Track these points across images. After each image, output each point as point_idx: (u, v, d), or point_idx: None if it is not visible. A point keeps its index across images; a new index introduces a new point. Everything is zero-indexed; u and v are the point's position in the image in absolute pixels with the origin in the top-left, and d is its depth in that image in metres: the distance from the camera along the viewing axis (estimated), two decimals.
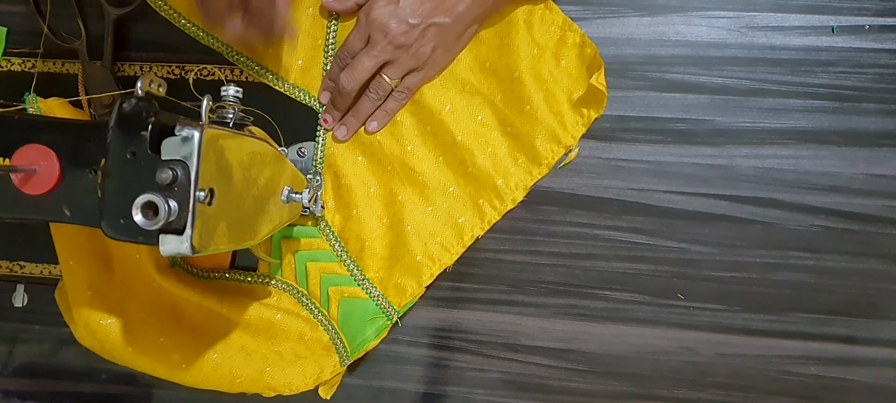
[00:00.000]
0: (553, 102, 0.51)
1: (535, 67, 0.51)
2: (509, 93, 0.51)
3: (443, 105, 0.52)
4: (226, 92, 0.40)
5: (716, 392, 0.53)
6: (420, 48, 0.48)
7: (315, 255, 0.52)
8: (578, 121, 0.51)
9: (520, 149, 0.52)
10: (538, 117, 0.51)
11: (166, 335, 0.49)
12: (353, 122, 0.52)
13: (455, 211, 0.52)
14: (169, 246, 0.32)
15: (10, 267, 0.56)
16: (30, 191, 0.35)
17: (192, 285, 0.50)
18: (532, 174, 0.52)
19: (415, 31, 0.47)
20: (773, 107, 0.52)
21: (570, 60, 0.51)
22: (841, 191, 0.51)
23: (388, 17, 0.47)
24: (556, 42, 0.51)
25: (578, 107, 0.51)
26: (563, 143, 0.51)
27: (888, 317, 0.52)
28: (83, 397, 0.56)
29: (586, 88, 0.51)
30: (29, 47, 0.55)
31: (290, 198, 0.45)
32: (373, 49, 0.48)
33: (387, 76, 0.49)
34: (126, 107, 0.33)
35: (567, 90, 0.51)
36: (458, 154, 0.52)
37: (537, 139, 0.51)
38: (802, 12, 0.51)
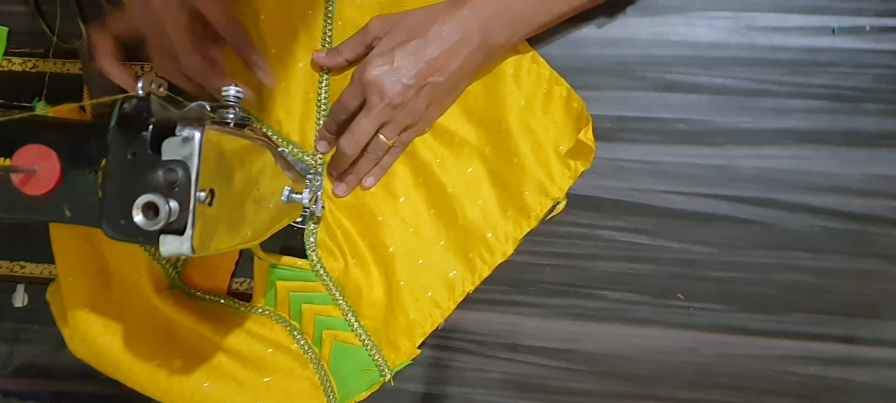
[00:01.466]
0: (541, 154, 0.51)
1: (523, 119, 0.51)
2: (498, 145, 0.52)
3: (434, 157, 0.52)
4: (226, 92, 0.40)
5: (716, 393, 0.53)
6: (415, 107, 0.49)
7: (310, 297, 0.52)
8: (566, 173, 0.52)
9: (509, 200, 0.52)
10: (526, 169, 0.51)
11: (160, 357, 0.49)
12: (351, 180, 0.53)
13: (446, 264, 0.52)
14: (169, 247, 0.32)
15: (10, 267, 0.56)
16: (30, 191, 0.35)
17: (189, 309, 0.50)
18: (521, 226, 0.52)
19: (410, 91, 0.48)
20: (774, 107, 0.52)
21: (557, 113, 0.52)
22: (841, 191, 0.51)
23: (384, 78, 0.47)
24: (543, 94, 0.52)
25: (566, 159, 0.52)
26: (551, 195, 0.52)
27: (888, 317, 0.52)
28: (83, 397, 0.56)
29: (574, 143, 0.51)
30: (30, 47, 0.55)
31: (290, 198, 0.45)
32: (371, 112, 0.48)
33: (384, 136, 0.50)
34: (127, 108, 0.33)
35: (554, 142, 0.52)
36: (448, 205, 0.52)
37: (526, 191, 0.51)
38: (803, 13, 0.51)
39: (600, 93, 0.52)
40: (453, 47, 0.47)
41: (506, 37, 0.49)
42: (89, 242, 0.51)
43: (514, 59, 0.51)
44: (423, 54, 0.47)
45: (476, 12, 0.47)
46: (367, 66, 0.48)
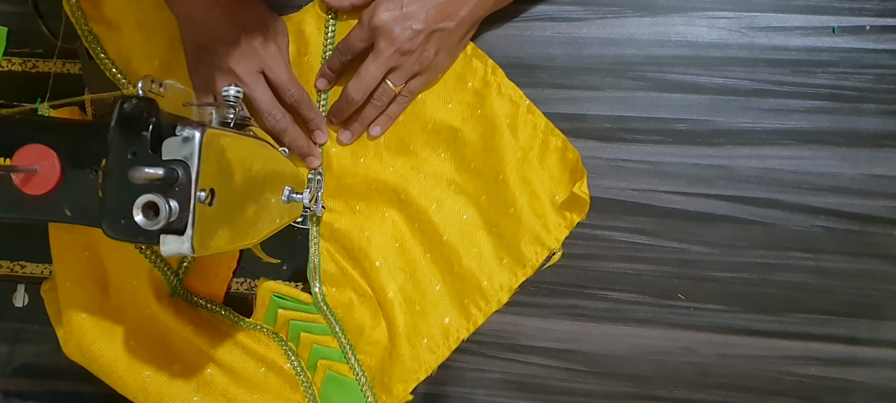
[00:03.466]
0: (537, 205, 0.51)
1: (520, 170, 0.51)
2: (494, 195, 0.52)
3: (430, 203, 0.52)
4: (227, 92, 0.40)
5: (716, 393, 0.53)
6: (423, 53, 0.48)
7: (310, 327, 0.52)
8: (561, 223, 0.52)
9: (504, 249, 0.52)
10: (522, 219, 0.51)
11: (152, 367, 0.49)
12: (357, 128, 0.52)
13: (442, 310, 0.52)
14: (170, 247, 0.32)
15: (10, 267, 0.56)
16: (30, 191, 0.35)
17: (188, 318, 0.50)
18: (516, 275, 0.52)
19: (419, 36, 0.47)
20: (774, 107, 0.52)
21: (553, 164, 0.52)
22: (841, 191, 0.51)
23: (394, 23, 0.47)
24: (539, 145, 0.52)
25: (561, 210, 0.52)
26: (547, 246, 0.52)
27: (889, 318, 0.52)
28: (83, 397, 0.56)
29: (570, 195, 0.51)
30: (30, 47, 0.55)
31: (290, 198, 0.45)
32: (379, 57, 0.48)
33: (391, 82, 0.49)
34: (127, 108, 0.33)
35: (550, 193, 0.52)
36: (444, 253, 0.52)
37: (522, 241, 0.51)
38: (803, 13, 0.51)
39: (601, 93, 0.52)
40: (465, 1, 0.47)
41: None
42: (88, 248, 0.51)
43: (510, 110, 0.51)
44: (435, 1, 0.46)
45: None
46: (376, 10, 0.47)
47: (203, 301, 0.53)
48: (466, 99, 0.52)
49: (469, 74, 0.52)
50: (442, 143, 0.52)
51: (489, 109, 0.51)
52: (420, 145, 0.52)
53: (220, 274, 0.54)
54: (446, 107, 0.52)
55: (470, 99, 0.52)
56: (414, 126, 0.52)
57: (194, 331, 0.50)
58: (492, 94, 0.51)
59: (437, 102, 0.52)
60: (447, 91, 0.52)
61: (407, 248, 0.52)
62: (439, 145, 0.53)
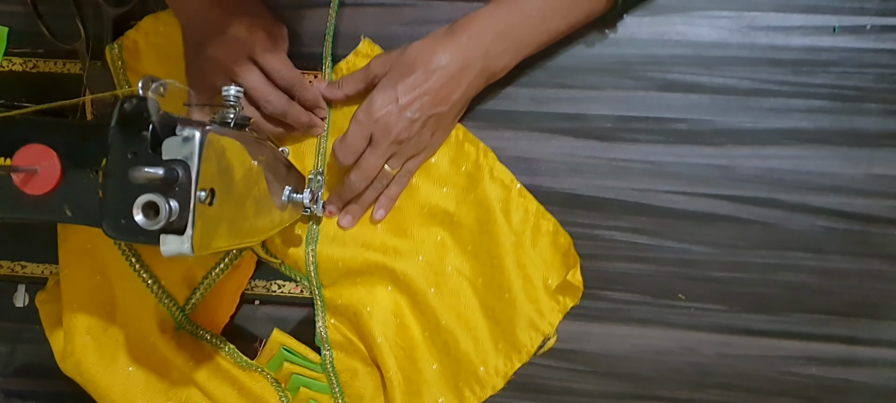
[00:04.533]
0: (530, 289, 0.52)
1: (514, 254, 0.51)
2: (490, 279, 0.52)
3: (428, 287, 0.52)
4: (227, 92, 0.40)
5: (717, 393, 0.53)
6: (420, 138, 0.49)
7: (310, 383, 0.53)
8: (555, 307, 0.52)
9: (500, 334, 0.52)
10: (517, 305, 0.51)
11: (147, 399, 0.50)
12: (357, 210, 0.53)
13: (436, 391, 0.52)
14: (170, 246, 0.32)
15: (11, 267, 0.56)
16: (31, 191, 0.35)
17: (188, 353, 0.51)
18: (512, 361, 0.52)
19: (415, 125, 0.48)
20: (775, 107, 0.52)
21: (544, 247, 0.52)
22: (842, 191, 0.51)
23: (390, 117, 0.47)
24: (530, 229, 0.52)
25: (555, 295, 0.52)
26: (541, 331, 0.52)
27: (890, 318, 0.52)
28: (83, 397, 0.56)
29: (563, 281, 0.51)
30: (30, 47, 0.55)
31: (290, 198, 0.45)
32: (378, 148, 0.48)
33: (389, 166, 0.50)
34: (127, 108, 0.33)
35: (542, 276, 0.52)
36: (442, 335, 0.52)
37: (517, 326, 0.51)
38: (804, 12, 0.51)
39: (601, 93, 0.52)
40: (455, 77, 0.47)
41: (506, 60, 0.49)
42: (100, 273, 0.51)
43: (502, 194, 0.52)
44: (426, 87, 0.47)
45: (476, 39, 0.47)
46: (372, 105, 0.48)
47: (209, 336, 0.53)
48: (460, 182, 0.52)
49: (462, 158, 0.52)
50: (438, 226, 0.53)
51: (482, 193, 0.51)
52: (417, 228, 0.53)
53: (224, 304, 0.54)
54: (441, 191, 0.52)
55: (463, 182, 0.52)
56: (411, 210, 0.53)
57: (193, 368, 0.50)
58: (484, 178, 0.52)
59: (431, 187, 0.52)
60: (441, 175, 0.52)
61: (406, 325, 0.52)
62: (436, 229, 0.53)
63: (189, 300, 0.52)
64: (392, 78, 0.48)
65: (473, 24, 0.47)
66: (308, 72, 0.53)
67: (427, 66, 0.47)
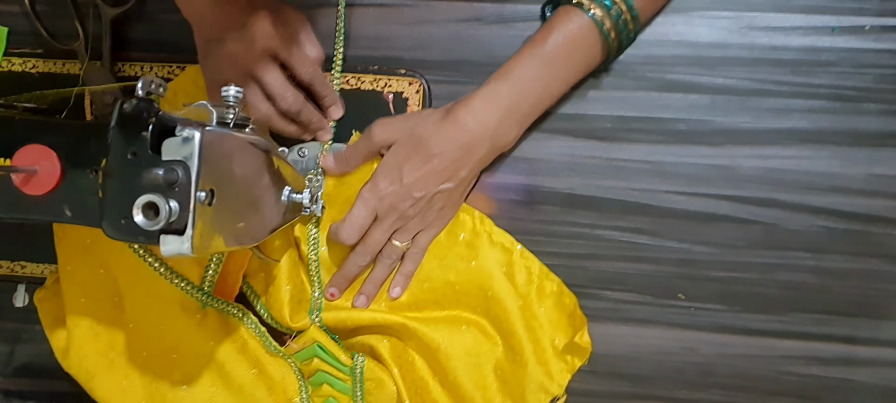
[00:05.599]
0: (539, 352, 0.51)
1: (523, 317, 0.51)
2: (502, 342, 0.52)
3: (437, 346, 0.52)
4: (227, 92, 0.40)
5: (717, 393, 0.53)
6: (428, 212, 0.49)
7: (333, 381, 0.52)
8: (563, 368, 0.52)
9: (509, 395, 0.52)
10: (527, 368, 0.51)
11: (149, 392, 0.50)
12: (371, 290, 0.52)
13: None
14: (170, 247, 0.32)
15: (10, 267, 0.56)
16: (31, 191, 0.35)
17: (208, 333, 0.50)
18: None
19: (421, 202, 0.48)
20: (774, 107, 0.52)
21: (549, 308, 0.52)
22: (842, 191, 0.51)
23: (395, 196, 0.47)
24: (535, 290, 0.52)
25: (563, 355, 0.52)
26: (550, 393, 0.52)
27: (890, 317, 0.52)
28: (84, 397, 0.56)
29: (570, 342, 0.51)
30: (30, 47, 0.55)
31: (290, 198, 0.45)
32: (383, 223, 0.49)
33: (398, 241, 0.50)
34: (127, 108, 0.33)
35: (550, 337, 0.52)
36: (449, 382, 0.52)
37: (526, 389, 0.51)
38: (803, 13, 0.51)
39: (601, 93, 0.52)
40: (462, 157, 0.47)
41: (514, 134, 0.49)
42: (103, 266, 0.51)
43: (503, 257, 0.52)
44: (431, 167, 0.47)
45: (483, 122, 0.47)
46: (376, 185, 0.48)
47: (239, 312, 0.52)
48: (460, 252, 0.52)
49: (458, 227, 0.52)
50: (442, 298, 0.53)
51: (484, 260, 0.52)
52: (423, 302, 0.53)
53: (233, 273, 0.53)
54: (442, 263, 0.52)
55: (463, 251, 0.52)
56: (412, 286, 0.53)
57: (214, 346, 0.50)
58: (483, 245, 0.52)
59: (431, 261, 0.52)
60: (440, 248, 0.52)
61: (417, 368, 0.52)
62: (440, 300, 0.53)
63: (204, 279, 0.50)
64: (397, 156, 0.48)
65: (478, 107, 0.47)
66: None
67: (432, 147, 0.47)
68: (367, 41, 0.54)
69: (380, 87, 0.53)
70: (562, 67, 0.47)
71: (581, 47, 0.47)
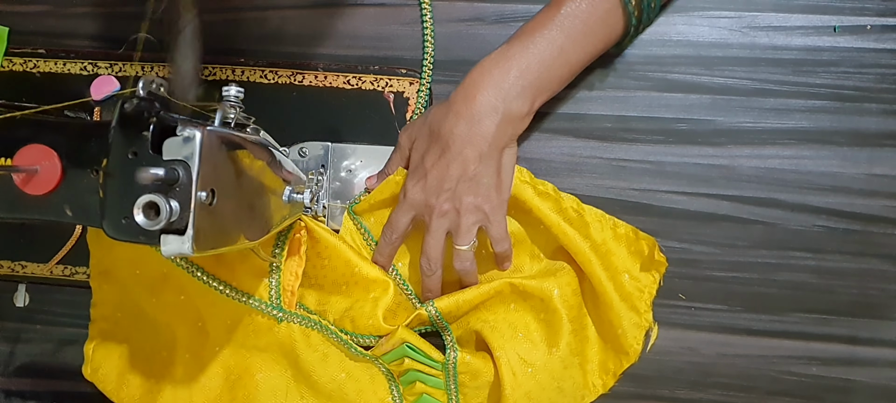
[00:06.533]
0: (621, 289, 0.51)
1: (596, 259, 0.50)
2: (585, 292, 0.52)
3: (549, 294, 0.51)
4: (227, 92, 0.40)
5: (717, 393, 0.53)
6: (470, 204, 0.47)
7: (426, 378, 0.51)
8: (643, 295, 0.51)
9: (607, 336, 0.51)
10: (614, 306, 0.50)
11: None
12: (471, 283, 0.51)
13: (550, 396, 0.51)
14: (170, 247, 0.32)
15: (11, 267, 0.56)
16: (31, 191, 0.35)
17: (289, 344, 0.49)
18: (621, 362, 0.51)
19: (451, 192, 0.46)
20: (775, 107, 0.52)
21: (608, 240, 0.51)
22: (843, 191, 0.51)
23: (424, 194, 0.47)
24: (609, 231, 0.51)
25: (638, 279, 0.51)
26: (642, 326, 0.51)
27: (890, 317, 0.52)
28: (84, 397, 0.56)
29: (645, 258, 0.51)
30: (30, 47, 0.55)
31: (291, 198, 0.45)
32: (430, 229, 0.47)
33: (462, 246, 0.48)
34: (128, 108, 0.33)
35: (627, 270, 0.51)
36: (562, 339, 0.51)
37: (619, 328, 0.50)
38: (804, 12, 0.51)
39: (601, 93, 0.52)
40: (471, 132, 0.45)
41: (526, 104, 0.46)
42: (184, 291, 0.50)
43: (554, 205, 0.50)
44: (451, 156, 0.46)
45: (491, 89, 0.45)
46: (407, 187, 0.48)
47: (318, 323, 0.51)
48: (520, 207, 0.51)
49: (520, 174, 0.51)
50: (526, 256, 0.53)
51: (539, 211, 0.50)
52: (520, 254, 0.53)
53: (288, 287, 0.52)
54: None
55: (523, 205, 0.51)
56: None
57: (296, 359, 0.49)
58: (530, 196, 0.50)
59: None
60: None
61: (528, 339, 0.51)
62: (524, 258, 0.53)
63: (270, 294, 0.49)
64: (418, 152, 0.48)
65: (486, 72, 0.45)
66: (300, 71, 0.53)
67: (447, 136, 0.46)
68: (367, 41, 0.54)
69: (380, 87, 0.53)
70: (579, 35, 0.45)
71: (600, 14, 0.45)
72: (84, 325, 0.56)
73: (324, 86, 0.53)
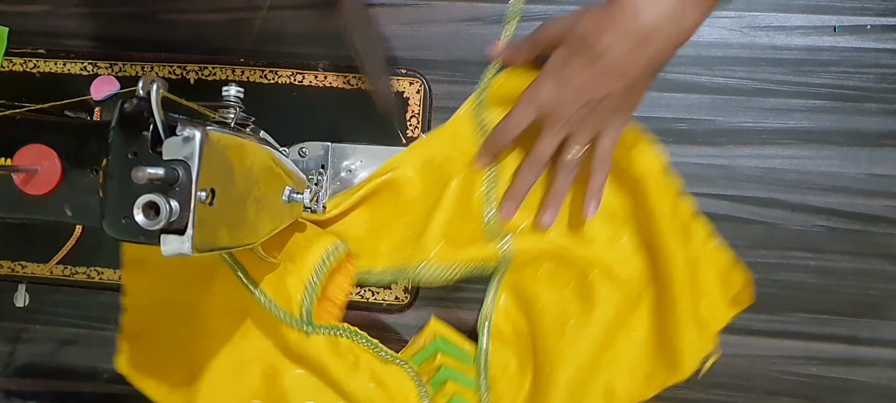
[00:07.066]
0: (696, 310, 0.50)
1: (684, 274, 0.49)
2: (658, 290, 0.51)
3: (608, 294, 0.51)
4: (227, 92, 0.40)
5: (718, 393, 0.53)
6: (597, 119, 0.45)
7: (457, 376, 0.51)
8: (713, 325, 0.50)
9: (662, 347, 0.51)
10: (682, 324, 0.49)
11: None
12: (554, 204, 0.49)
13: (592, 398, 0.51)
14: (170, 247, 0.32)
15: (11, 267, 0.56)
16: (31, 190, 0.35)
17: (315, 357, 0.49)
18: (669, 377, 0.50)
19: (589, 106, 0.44)
20: (775, 107, 0.52)
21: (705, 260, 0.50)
22: (843, 191, 0.51)
23: (560, 99, 0.44)
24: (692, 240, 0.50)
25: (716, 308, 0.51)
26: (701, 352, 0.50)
27: (890, 317, 0.52)
28: (85, 396, 0.56)
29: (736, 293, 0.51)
30: (30, 47, 0.55)
31: (291, 198, 0.45)
32: (549, 132, 0.45)
33: (570, 152, 0.46)
34: (127, 108, 0.33)
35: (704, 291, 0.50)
36: (612, 340, 0.51)
37: (678, 345, 0.49)
38: (804, 12, 0.51)
39: None
40: (633, 50, 0.41)
41: (699, 13, 0.41)
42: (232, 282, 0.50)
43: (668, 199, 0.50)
44: (597, 67, 0.42)
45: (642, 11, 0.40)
46: (540, 87, 0.45)
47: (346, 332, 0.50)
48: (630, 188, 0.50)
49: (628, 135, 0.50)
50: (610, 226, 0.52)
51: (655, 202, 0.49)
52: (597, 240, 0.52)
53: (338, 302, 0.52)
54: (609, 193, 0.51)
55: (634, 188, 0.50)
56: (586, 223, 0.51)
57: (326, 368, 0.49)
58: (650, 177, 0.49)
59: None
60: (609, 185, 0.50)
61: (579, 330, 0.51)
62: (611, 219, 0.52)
63: (302, 309, 0.48)
64: (560, 57, 0.44)
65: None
66: (300, 71, 0.53)
67: (597, 44, 0.42)
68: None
69: None
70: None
71: None
72: (84, 325, 0.56)
73: (324, 86, 0.53)
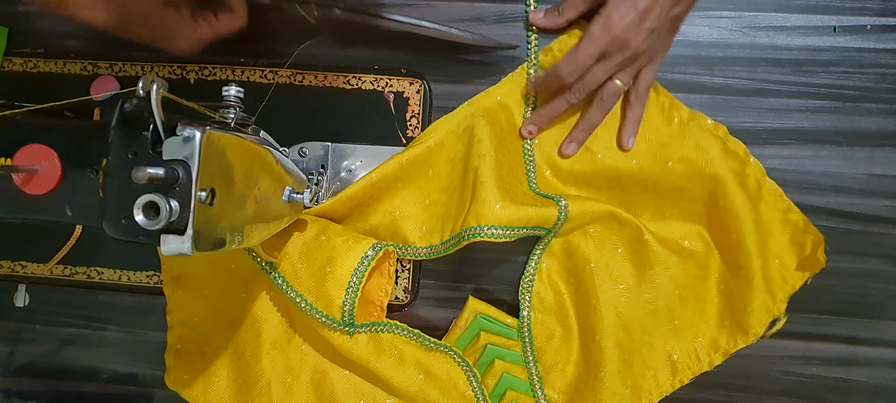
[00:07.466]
0: (765, 269, 0.50)
1: (756, 233, 0.49)
2: (727, 253, 0.51)
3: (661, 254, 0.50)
4: (227, 92, 0.40)
5: (718, 392, 0.53)
6: (655, 46, 0.46)
7: (504, 353, 0.51)
8: (786, 288, 0.50)
9: (729, 312, 0.51)
10: (753, 285, 0.49)
11: None
12: (582, 136, 0.50)
13: (648, 364, 0.51)
14: (170, 247, 0.32)
15: (11, 267, 0.56)
16: (31, 190, 0.35)
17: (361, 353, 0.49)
18: (736, 341, 0.51)
19: (653, 34, 0.45)
20: (775, 107, 0.52)
21: (776, 225, 0.50)
22: (842, 191, 0.51)
23: (630, 30, 0.44)
24: (764, 205, 0.50)
25: (785, 274, 0.50)
26: (772, 313, 0.50)
27: (890, 317, 0.52)
28: (85, 396, 0.56)
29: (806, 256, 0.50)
30: (30, 47, 0.55)
31: (291, 198, 0.45)
32: (608, 62, 0.45)
33: (620, 80, 0.47)
34: (127, 108, 0.33)
35: (775, 255, 0.50)
36: (668, 306, 0.51)
37: (749, 306, 0.50)
38: (804, 12, 0.51)
39: None
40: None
41: None
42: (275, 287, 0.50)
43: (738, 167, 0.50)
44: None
45: None
46: (610, 19, 0.44)
47: (388, 327, 0.50)
48: (689, 155, 0.50)
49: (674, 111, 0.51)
50: (666, 203, 0.51)
51: (719, 167, 0.49)
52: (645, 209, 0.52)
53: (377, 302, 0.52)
54: (666, 165, 0.50)
55: (693, 155, 0.50)
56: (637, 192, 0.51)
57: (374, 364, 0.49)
58: (714, 147, 0.50)
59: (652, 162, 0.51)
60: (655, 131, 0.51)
61: (630, 296, 0.51)
62: (664, 206, 0.52)
63: (343, 311, 0.48)
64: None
65: None
66: (300, 71, 0.53)
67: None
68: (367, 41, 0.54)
69: (380, 87, 0.53)
70: None
71: None
72: (84, 325, 0.56)
73: (324, 86, 0.53)
